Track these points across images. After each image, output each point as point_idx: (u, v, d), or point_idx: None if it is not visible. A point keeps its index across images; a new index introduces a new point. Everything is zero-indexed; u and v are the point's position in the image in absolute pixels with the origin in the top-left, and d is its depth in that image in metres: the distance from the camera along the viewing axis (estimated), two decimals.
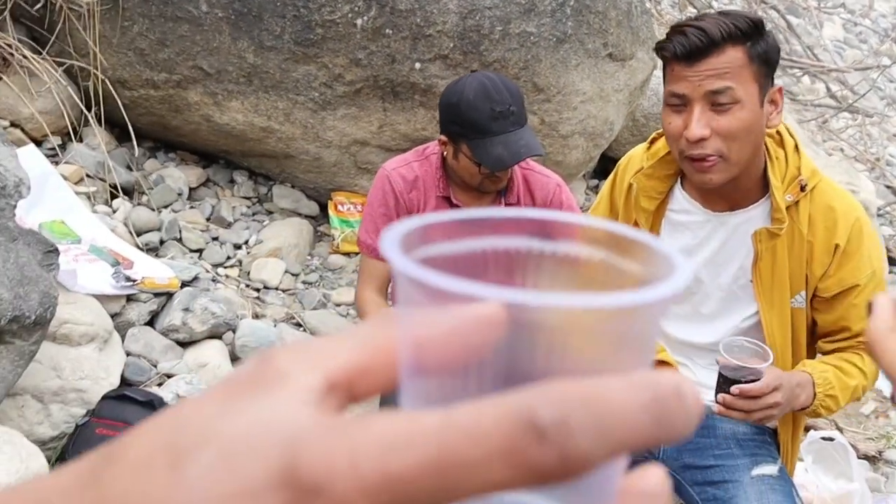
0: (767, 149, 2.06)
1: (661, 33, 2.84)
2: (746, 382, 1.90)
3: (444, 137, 2.62)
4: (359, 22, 4.08)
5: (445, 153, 2.66)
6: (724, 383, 1.94)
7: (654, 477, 0.31)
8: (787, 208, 2.02)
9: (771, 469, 2.15)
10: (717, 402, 1.95)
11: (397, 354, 0.32)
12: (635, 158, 2.27)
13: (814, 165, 2.08)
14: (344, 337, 0.32)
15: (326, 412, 0.29)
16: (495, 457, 0.26)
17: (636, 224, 2.20)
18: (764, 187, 2.08)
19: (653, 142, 2.25)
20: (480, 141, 2.49)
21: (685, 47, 1.92)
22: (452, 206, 2.72)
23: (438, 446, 0.26)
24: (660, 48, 1.99)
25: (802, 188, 2.03)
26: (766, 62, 1.94)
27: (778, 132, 2.10)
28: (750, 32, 1.91)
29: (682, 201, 2.18)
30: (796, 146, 2.10)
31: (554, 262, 0.36)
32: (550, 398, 0.26)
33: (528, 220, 0.36)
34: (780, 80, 7.75)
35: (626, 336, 0.30)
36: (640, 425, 0.27)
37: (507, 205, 2.73)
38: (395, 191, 2.68)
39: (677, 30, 1.96)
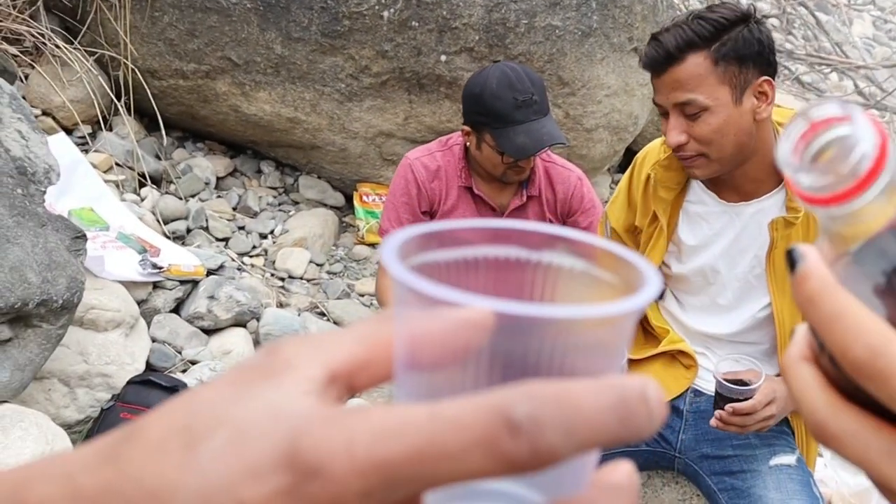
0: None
1: None
2: (741, 400, 2.02)
3: (467, 128, 2.64)
4: (385, 14, 4.11)
5: (468, 143, 2.67)
6: (720, 400, 2.06)
7: (623, 471, 0.34)
8: None
9: (789, 459, 2.16)
10: (715, 417, 2.06)
11: (394, 351, 0.34)
12: (652, 151, 2.28)
13: None
14: (346, 332, 0.35)
15: (327, 402, 0.31)
16: (473, 447, 0.28)
17: (654, 215, 2.21)
18: (778, 177, 2.08)
19: None
20: (503, 130, 2.51)
21: (647, 59, 1.98)
22: (474, 196, 2.73)
23: (425, 436, 0.29)
24: (640, 58, 2.04)
25: None
26: (739, 59, 1.92)
27: None
28: (711, 36, 1.90)
29: (698, 192, 2.19)
30: None
31: (541, 270, 0.39)
32: (526, 396, 0.29)
33: (519, 231, 0.39)
34: (807, 77, 7.74)
35: (599, 342, 0.33)
36: (606, 424, 0.29)
37: (528, 196, 2.74)
38: (418, 180, 2.69)
39: (650, 40, 1.99)
